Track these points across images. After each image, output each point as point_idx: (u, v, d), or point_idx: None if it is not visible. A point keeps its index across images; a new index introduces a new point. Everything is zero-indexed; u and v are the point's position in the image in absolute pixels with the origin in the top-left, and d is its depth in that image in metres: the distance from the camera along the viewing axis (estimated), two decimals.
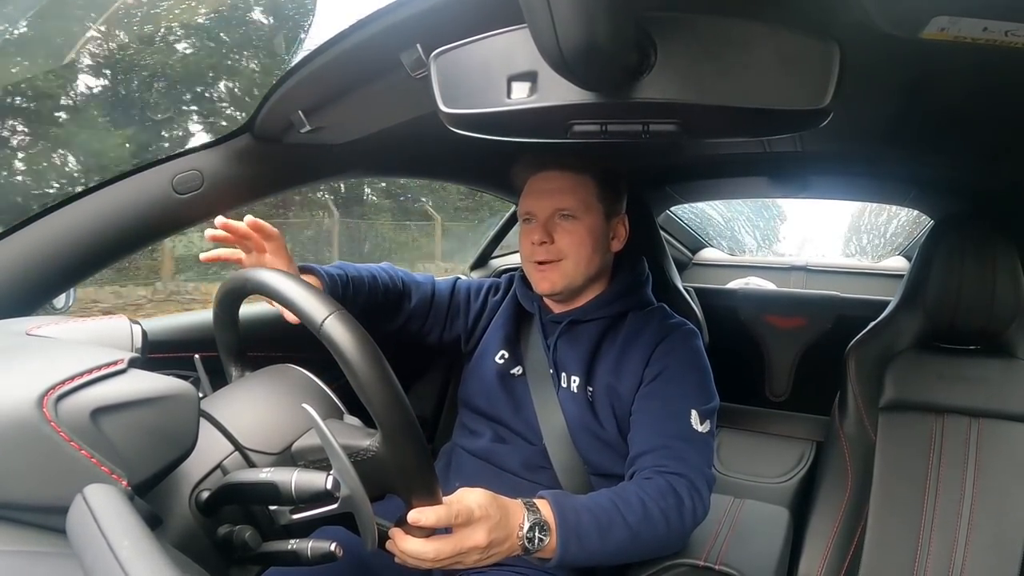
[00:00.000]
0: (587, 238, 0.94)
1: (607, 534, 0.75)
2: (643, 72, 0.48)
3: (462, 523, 0.64)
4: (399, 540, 0.63)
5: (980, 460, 1.02)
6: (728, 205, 2.41)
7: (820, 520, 1.07)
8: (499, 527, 0.67)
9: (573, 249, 0.94)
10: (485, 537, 0.65)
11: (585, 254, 0.94)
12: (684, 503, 0.81)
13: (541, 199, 0.96)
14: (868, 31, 0.55)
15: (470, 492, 0.67)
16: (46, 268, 0.80)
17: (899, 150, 1.17)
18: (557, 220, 0.94)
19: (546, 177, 0.97)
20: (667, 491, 0.81)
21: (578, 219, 0.94)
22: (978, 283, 1.06)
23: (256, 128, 0.85)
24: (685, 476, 0.82)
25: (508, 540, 0.68)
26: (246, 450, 0.59)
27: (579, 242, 0.94)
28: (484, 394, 1.01)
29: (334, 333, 0.56)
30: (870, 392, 1.11)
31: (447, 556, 0.63)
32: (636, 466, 0.86)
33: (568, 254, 0.94)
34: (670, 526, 0.79)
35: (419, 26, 0.61)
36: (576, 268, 0.94)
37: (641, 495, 0.79)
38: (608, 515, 0.76)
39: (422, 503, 0.61)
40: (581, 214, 0.94)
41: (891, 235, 2.41)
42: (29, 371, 0.44)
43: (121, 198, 0.82)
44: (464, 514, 0.64)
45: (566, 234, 0.94)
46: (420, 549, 0.62)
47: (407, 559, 0.64)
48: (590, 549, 0.73)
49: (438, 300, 1.07)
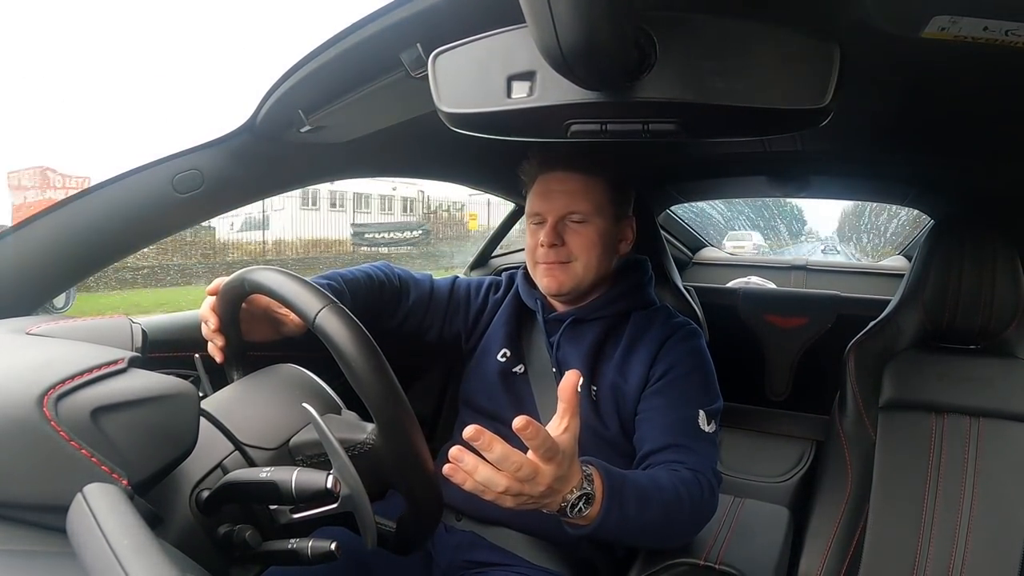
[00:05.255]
0: (598, 241, 0.93)
1: (643, 511, 0.72)
2: (643, 72, 0.48)
3: (543, 457, 0.59)
4: (471, 465, 0.58)
5: (980, 460, 1.02)
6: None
7: (820, 519, 1.07)
8: (559, 481, 0.63)
9: (584, 252, 0.93)
10: (547, 483, 0.61)
11: (595, 257, 0.94)
12: (704, 496, 0.80)
13: (552, 200, 0.94)
14: (868, 30, 0.55)
15: (561, 433, 0.62)
16: (46, 268, 0.80)
17: (899, 150, 1.17)
18: (568, 223, 0.93)
19: (557, 178, 0.95)
20: (693, 482, 0.80)
21: (589, 222, 0.93)
22: (978, 282, 1.06)
23: (256, 127, 0.84)
24: (703, 473, 0.82)
25: (554, 497, 0.64)
26: (244, 446, 0.60)
27: (590, 245, 0.93)
28: (486, 392, 1.01)
29: (327, 326, 0.56)
30: (870, 391, 1.11)
31: (514, 491, 0.59)
32: (648, 463, 0.85)
33: (579, 256, 0.93)
34: (693, 515, 0.79)
35: (419, 25, 0.61)
36: (586, 271, 0.94)
37: (674, 480, 0.78)
38: (647, 494, 0.74)
39: (421, 495, 0.61)
40: (592, 217, 0.93)
41: (891, 234, 2.41)
42: (29, 370, 0.45)
43: (121, 197, 0.82)
44: (551, 450, 0.59)
45: (577, 237, 0.93)
46: (493, 478, 0.58)
47: (477, 486, 0.60)
48: (625, 527, 0.71)
49: (437, 297, 1.06)
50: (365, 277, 0.97)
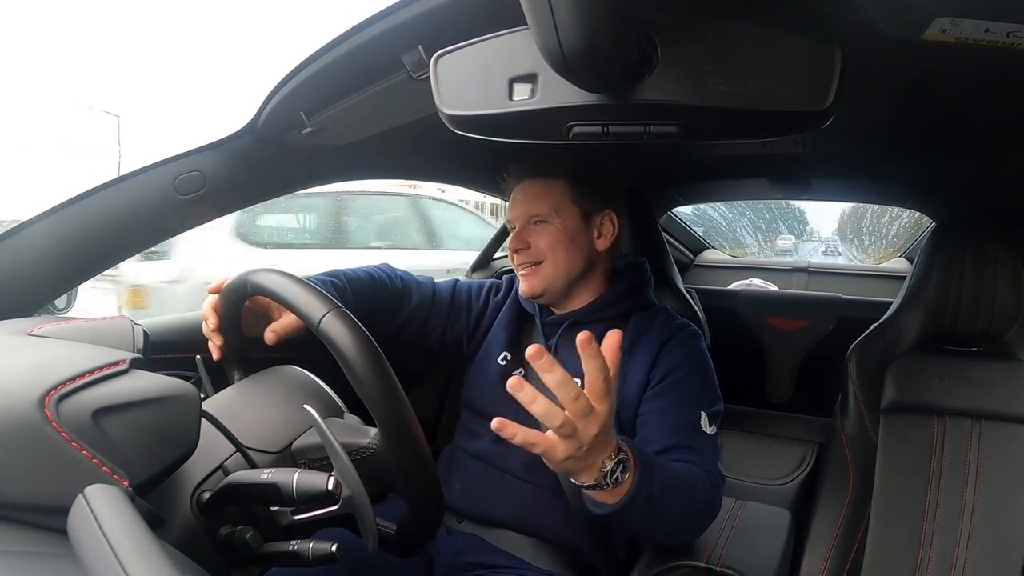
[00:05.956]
0: (562, 238, 0.95)
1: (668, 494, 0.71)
2: (644, 74, 0.48)
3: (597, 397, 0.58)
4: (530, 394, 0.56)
5: (982, 462, 1.02)
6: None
7: (822, 522, 1.06)
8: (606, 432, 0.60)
9: (549, 251, 0.95)
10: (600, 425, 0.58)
11: (562, 255, 0.95)
12: (715, 493, 0.80)
13: (516, 208, 0.99)
14: (870, 32, 0.55)
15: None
16: (47, 269, 0.80)
17: (900, 152, 1.17)
18: (531, 226, 0.97)
19: (521, 188, 1.00)
20: (706, 477, 0.80)
21: (549, 222, 0.96)
22: (979, 284, 1.06)
23: (258, 129, 0.85)
24: (711, 473, 0.82)
25: (596, 456, 0.62)
26: (246, 449, 0.60)
27: (554, 244, 0.95)
28: (486, 395, 1.01)
29: (331, 330, 0.56)
30: (871, 394, 1.11)
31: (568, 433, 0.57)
32: None
33: (545, 256, 0.95)
34: (706, 509, 0.79)
35: (421, 27, 0.61)
36: (555, 270, 0.95)
37: (691, 472, 0.78)
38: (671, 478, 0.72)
39: (423, 500, 0.60)
40: (552, 218, 0.96)
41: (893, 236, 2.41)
42: (31, 372, 0.45)
43: (123, 199, 0.83)
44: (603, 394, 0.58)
45: (539, 237, 0.96)
46: (552, 412, 0.56)
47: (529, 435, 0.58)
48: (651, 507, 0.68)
49: (439, 301, 1.07)
50: (368, 277, 0.97)
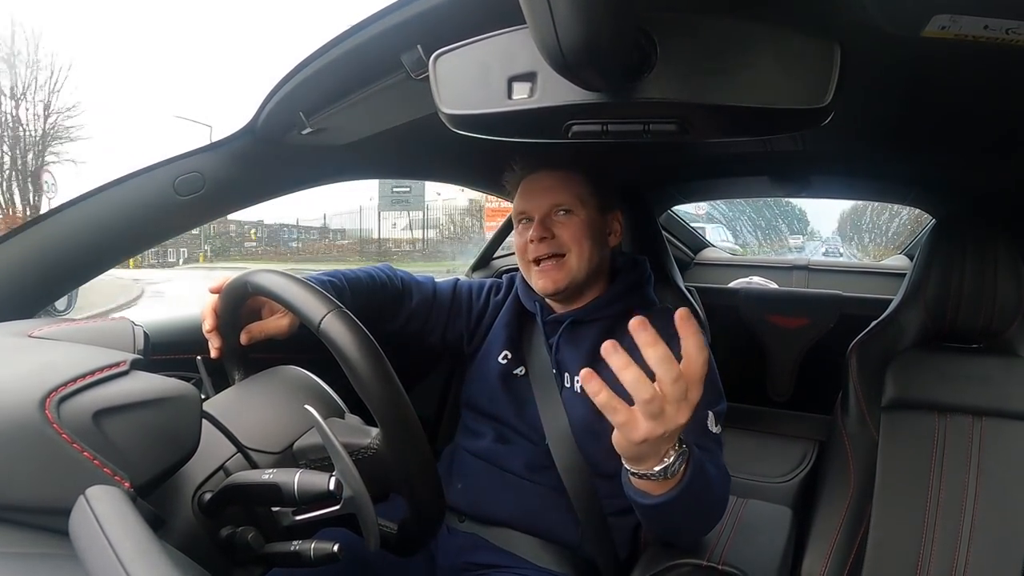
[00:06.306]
0: (587, 231, 0.94)
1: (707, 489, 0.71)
2: (644, 72, 0.48)
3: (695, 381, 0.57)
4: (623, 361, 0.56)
5: (983, 459, 1.02)
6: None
7: (823, 519, 1.07)
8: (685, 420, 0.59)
9: (575, 243, 0.94)
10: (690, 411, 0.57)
11: (587, 247, 0.94)
12: (725, 492, 0.81)
13: (536, 197, 0.97)
14: (869, 30, 0.55)
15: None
16: (48, 270, 0.80)
17: (900, 149, 1.17)
18: (554, 216, 0.95)
19: (538, 177, 0.98)
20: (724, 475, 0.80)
21: (574, 213, 0.95)
22: (980, 281, 1.06)
23: (257, 129, 0.85)
24: (722, 471, 0.82)
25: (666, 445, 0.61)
26: (248, 450, 0.60)
27: (580, 236, 0.94)
28: (487, 395, 1.01)
29: (332, 331, 0.56)
30: (872, 391, 1.11)
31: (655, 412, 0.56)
32: None
33: (571, 247, 0.94)
34: (720, 508, 0.79)
35: (420, 27, 0.61)
36: (579, 262, 0.94)
37: (714, 470, 0.76)
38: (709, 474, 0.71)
39: (425, 500, 0.61)
40: (577, 208, 0.95)
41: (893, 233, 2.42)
42: (31, 373, 0.45)
43: (123, 200, 0.83)
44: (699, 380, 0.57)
45: (565, 228, 0.94)
46: (643, 383, 0.56)
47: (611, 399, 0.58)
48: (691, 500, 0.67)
49: (439, 300, 1.07)
50: (367, 277, 0.97)
